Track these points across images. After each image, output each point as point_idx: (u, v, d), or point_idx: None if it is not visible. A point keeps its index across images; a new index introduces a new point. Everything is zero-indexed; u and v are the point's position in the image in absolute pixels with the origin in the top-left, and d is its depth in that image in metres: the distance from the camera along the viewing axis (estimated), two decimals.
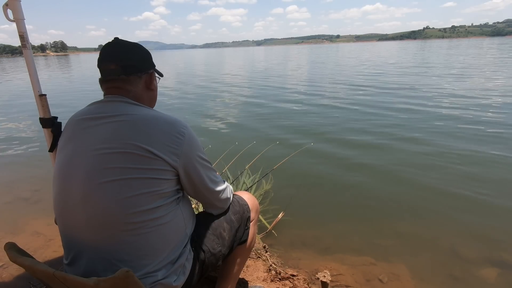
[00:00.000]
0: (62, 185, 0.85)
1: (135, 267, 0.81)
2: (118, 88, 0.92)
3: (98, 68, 0.95)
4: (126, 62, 0.92)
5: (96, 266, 0.82)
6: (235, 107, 7.10)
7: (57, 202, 0.86)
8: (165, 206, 0.85)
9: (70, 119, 0.92)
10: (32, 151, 4.37)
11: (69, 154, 0.85)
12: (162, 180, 0.84)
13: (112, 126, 0.83)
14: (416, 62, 17.81)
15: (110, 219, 0.80)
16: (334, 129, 4.87)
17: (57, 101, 8.23)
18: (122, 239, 0.81)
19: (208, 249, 1.02)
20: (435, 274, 1.85)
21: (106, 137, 0.82)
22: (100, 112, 0.87)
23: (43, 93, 1.11)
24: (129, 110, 0.86)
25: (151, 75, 0.99)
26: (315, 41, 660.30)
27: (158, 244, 0.85)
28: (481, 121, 4.91)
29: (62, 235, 0.89)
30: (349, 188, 2.97)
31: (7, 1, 1.01)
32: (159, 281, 0.84)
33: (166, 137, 0.84)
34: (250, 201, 1.26)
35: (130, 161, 0.80)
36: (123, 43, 0.95)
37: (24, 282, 1.70)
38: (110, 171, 0.79)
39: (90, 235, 0.82)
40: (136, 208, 0.80)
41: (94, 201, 0.80)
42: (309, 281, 1.71)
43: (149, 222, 0.82)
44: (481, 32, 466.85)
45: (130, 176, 0.80)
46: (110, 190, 0.79)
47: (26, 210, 2.71)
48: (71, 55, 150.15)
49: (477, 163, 3.32)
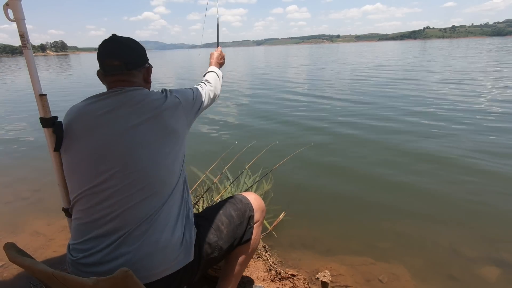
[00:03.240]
0: (96, 165, 0.89)
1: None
2: (124, 81, 1.00)
3: (99, 62, 1.01)
4: (128, 59, 1.00)
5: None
6: (235, 106, 7.10)
7: (86, 182, 0.90)
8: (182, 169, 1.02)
9: (80, 112, 0.95)
10: (32, 151, 4.37)
11: (96, 142, 0.90)
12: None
13: (133, 109, 0.94)
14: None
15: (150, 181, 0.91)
16: (334, 129, 4.87)
17: (57, 101, 8.24)
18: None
19: (203, 237, 1.05)
20: (434, 274, 1.85)
21: (133, 120, 0.92)
22: (116, 102, 0.94)
23: (43, 92, 1.11)
24: (142, 95, 0.97)
25: (148, 69, 1.08)
26: (315, 41, 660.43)
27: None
28: (482, 126, 4.91)
29: (85, 215, 0.91)
30: (349, 188, 2.97)
31: (7, 0, 1.00)
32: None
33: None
34: (256, 202, 1.26)
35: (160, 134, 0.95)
36: (123, 40, 1.01)
37: (24, 282, 1.70)
38: (146, 144, 0.91)
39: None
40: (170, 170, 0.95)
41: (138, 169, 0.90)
42: (309, 281, 1.71)
43: (177, 182, 0.97)
44: (482, 32, 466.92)
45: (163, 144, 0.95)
46: (149, 157, 0.91)
47: (26, 210, 2.71)
48: (71, 55, 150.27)
49: (476, 164, 3.32)
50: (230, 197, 1.26)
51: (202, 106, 1.18)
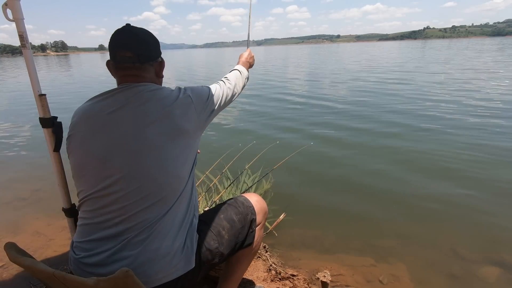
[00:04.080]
0: (101, 168, 0.87)
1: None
2: (135, 76, 0.95)
3: (111, 53, 0.96)
4: (141, 51, 0.95)
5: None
6: (235, 106, 7.09)
7: (92, 185, 0.88)
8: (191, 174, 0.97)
9: (87, 112, 0.92)
10: (32, 151, 4.37)
11: (103, 144, 0.87)
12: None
13: (141, 107, 0.89)
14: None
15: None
16: (334, 129, 4.87)
17: (57, 101, 8.24)
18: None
19: (203, 243, 1.02)
20: (435, 275, 1.85)
21: (141, 119, 0.88)
22: (124, 100, 0.90)
23: (42, 93, 1.11)
24: (151, 91, 0.93)
25: (161, 63, 1.03)
26: (315, 41, 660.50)
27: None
28: (482, 127, 4.91)
29: (92, 216, 0.89)
30: (349, 188, 2.97)
31: (6, 0, 1.00)
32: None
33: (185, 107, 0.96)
34: (258, 204, 1.22)
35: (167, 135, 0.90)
36: (138, 31, 0.97)
37: (24, 282, 1.70)
38: (154, 147, 0.87)
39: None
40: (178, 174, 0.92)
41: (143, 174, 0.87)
42: (309, 281, 1.71)
43: (185, 187, 0.93)
44: (482, 32, 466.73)
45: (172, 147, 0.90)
46: (156, 161, 0.88)
47: (26, 210, 2.71)
48: (71, 55, 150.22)
49: (477, 162, 3.32)
50: (231, 199, 1.22)
51: (217, 106, 1.10)
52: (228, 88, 1.20)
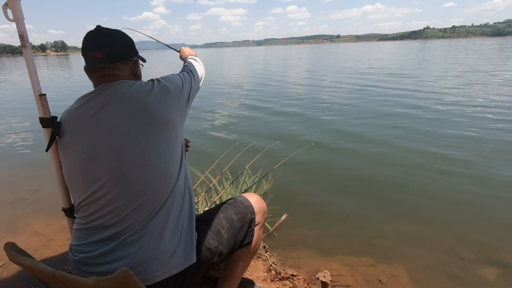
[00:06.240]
0: (88, 174, 0.87)
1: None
2: (108, 76, 0.94)
3: (83, 57, 0.96)
4: (110, 50, 0.94)
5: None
6: (235, 106, 7.10)
7: (82, 192, 0.89)
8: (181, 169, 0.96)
9: (69, 118, 0.93)
10: (32, 151, 4.37)
11: (86, 149, 0.88)
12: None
13: (118, 106, 0.89)
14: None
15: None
16: (334, 129, 4.87)
17: (57, 101, 8.24)
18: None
19: (203, 242, 1.02)
20: (434, 275, 1.85)
21: (120, 119, 0.88)
22: (100, 102, 0.90)
23: (43, 92, 1.11)
24: (125, 87, 0.91)
25: (136, 62, 1.02)
26: (315, 41, 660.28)
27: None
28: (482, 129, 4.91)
29: (88, 218, 0.90)
30: (349, 188, 2.97)
31: (6, 0, 1.00)
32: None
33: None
34: (258, 204, 1.23)
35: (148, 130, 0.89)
36: (106, 31, 0.96)
37: (24, 282, 1.70)
38: (136, 144, 0.87)
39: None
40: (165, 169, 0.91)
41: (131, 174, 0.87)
42: (309, 281, 1.71)
43: (176, 181, 0.93)
44: (482, 32, 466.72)
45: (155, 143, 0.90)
46: (140, 158, 0.87)
47: (26, 210, 2.71)
48: (71, 55, 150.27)
49: (476, 165, 3.32)
50: (230, 199, 1.22)
51: (193, 90, 1.11)
52: (195, 71, 1.21)
